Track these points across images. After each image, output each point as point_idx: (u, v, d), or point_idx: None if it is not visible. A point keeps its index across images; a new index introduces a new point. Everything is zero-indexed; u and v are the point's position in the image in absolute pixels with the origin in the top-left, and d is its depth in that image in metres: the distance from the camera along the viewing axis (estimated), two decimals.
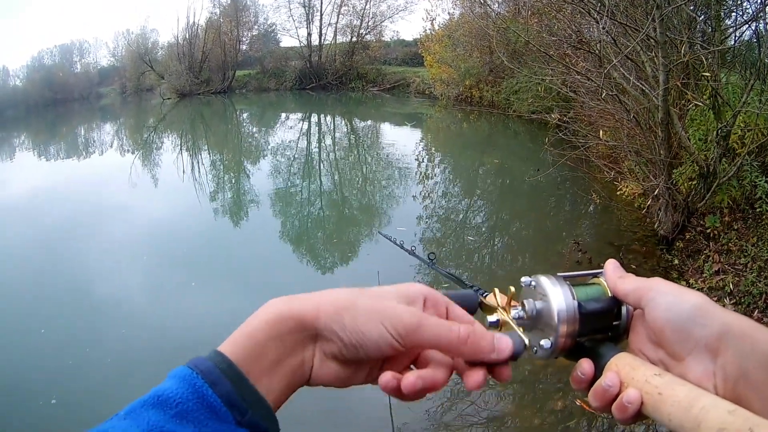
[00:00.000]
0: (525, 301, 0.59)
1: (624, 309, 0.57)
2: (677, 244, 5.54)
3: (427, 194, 9.23)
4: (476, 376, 0.53)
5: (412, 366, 0.56)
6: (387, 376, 0.50)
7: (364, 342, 0.49)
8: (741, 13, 5.29)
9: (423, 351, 0.55)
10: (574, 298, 0.55)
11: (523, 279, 0.60)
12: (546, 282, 0.57)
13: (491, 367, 0.54)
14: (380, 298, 0.52)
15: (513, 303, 0.61)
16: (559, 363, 0.57)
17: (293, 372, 0.50)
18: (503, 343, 0.53)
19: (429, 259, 1.16)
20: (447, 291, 0.60)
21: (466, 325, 0.52)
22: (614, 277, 0.57)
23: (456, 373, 0.55)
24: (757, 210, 4.75)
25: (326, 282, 5.78)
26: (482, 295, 0.70)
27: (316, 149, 15.58)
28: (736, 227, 5.01)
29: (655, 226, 6.02)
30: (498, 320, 0.61)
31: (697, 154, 5.05)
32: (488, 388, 3.78)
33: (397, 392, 0.50)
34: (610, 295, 0.57)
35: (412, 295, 0.54)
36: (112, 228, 8.05)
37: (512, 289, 0.61)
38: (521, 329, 0.59)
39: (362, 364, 0.52)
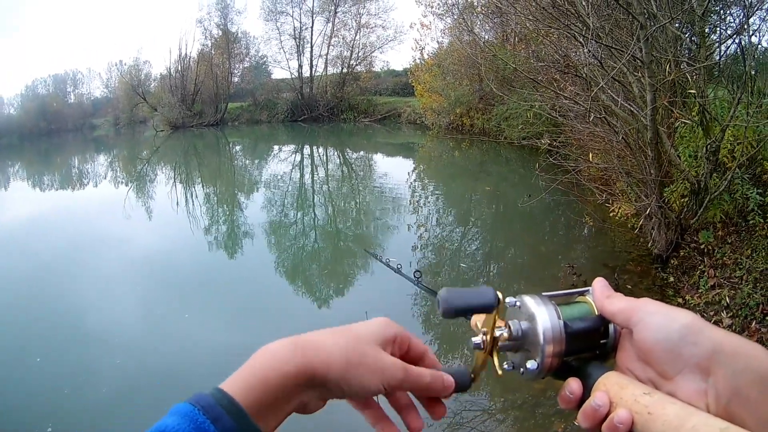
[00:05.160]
0: (510, 322, 0.58)
1: (611, 327, 0.56)
2: (672, 261, 5.56)
3: (421, 223, 9.24)
4: (441, 409, 0.62)
5: None
6: None
7: (362, 393, 0.55)
8: (725, 28, 5.36)
9: None
10: (559, 318, 0.55)
11: (507, 300, 0.59)
12: (530, 302, 0.57)
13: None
14: (375, 350, 0.56)
15: (498, 323, 0.60)
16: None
17: (291, 411, 0.52)
18: (448, 382, 0.60)
19: (414, 277, 1.17)
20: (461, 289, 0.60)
21: (438, 374, 0.60)
22: (602, 297, 0.57)
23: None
24: (750, 222, 4.76)
25: (320, 313, 5.80)
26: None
27: (309, 181, 15.62)
28: (729, 241, 5.04)
29: (649, 245, 6.03)
30: (481, 342, 0.60)
31: (688, 171, 5.10)
32: (488, 416, 3.75)
33: None
34: (597, 313, 0.57)
35: (389, 337, 0.59)
36: (106, 259, 8.03)
37: None
38: (496, 352, 0.60)
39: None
